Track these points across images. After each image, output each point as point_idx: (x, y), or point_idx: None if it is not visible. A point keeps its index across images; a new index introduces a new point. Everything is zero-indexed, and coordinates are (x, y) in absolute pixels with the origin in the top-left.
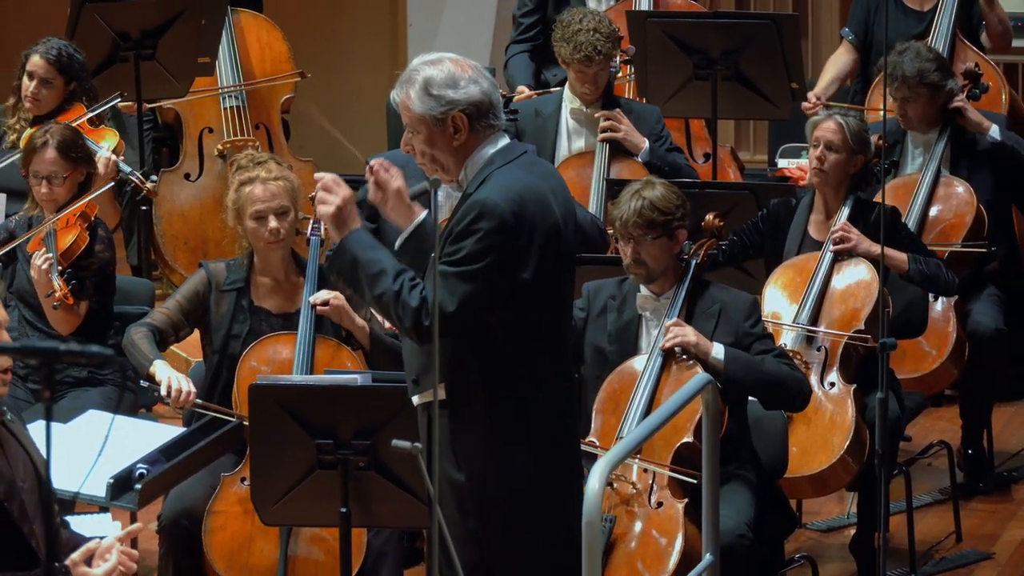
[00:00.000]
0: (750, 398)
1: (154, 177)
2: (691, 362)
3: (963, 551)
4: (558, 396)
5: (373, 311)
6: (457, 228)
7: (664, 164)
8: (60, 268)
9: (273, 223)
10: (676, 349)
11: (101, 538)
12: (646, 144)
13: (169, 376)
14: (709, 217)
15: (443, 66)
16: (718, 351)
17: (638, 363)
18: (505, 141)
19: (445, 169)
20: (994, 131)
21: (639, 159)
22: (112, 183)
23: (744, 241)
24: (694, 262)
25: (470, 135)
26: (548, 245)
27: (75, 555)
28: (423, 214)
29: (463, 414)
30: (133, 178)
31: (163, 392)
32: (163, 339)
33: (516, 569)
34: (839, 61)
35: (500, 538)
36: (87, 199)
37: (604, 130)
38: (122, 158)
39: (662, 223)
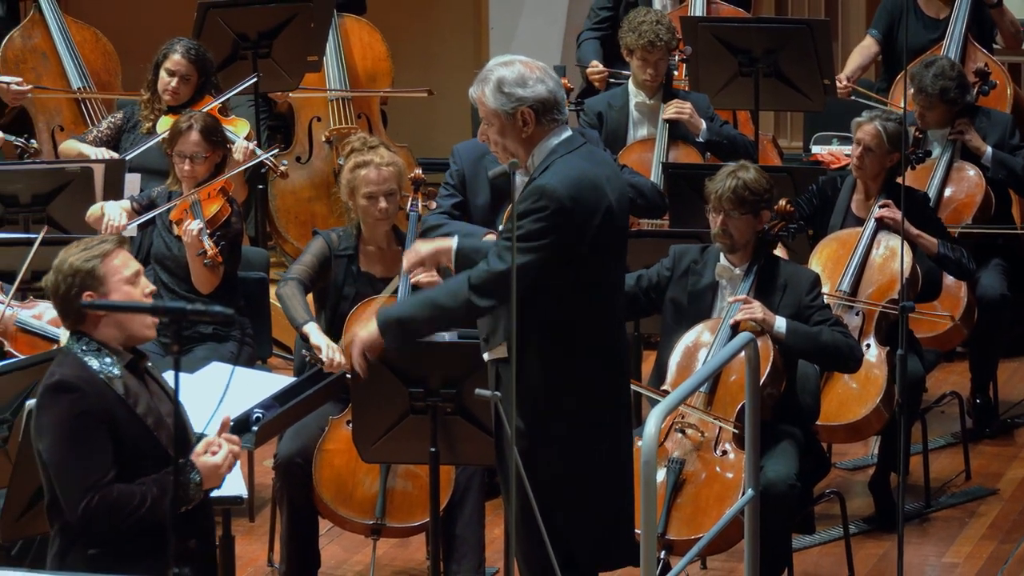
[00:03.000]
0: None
1: (284, 162)
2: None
3: (971, 487)
4: (609, 351)
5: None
6: (520, 208)
7: (723, 138)
8: (208, 231)
9: (383, 203)
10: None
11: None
12: (704, 124)
13: (327, 344)
14: (782, 202)
15: (514, 67)
16: (780, 325)
17: (711, 330)
18: (567, 133)
19: (515, 157)
20: (987, 156)
21: (700, 138)
22: (247, 165)
23: (802, 211)
24: (767, 239)
25: (537, 128)
26: (602, 224)
27: (198, 448)
28: (452, 243)
29: (525, 368)
30: (268, 162)
31: (324, 358)
32: (305, 292)
33: (571, 497)
34: (864, 52)
35: (556, 471)
36: (226, 176)
37: (672, 114)
38: (255, 143)
39: (751, 202)
